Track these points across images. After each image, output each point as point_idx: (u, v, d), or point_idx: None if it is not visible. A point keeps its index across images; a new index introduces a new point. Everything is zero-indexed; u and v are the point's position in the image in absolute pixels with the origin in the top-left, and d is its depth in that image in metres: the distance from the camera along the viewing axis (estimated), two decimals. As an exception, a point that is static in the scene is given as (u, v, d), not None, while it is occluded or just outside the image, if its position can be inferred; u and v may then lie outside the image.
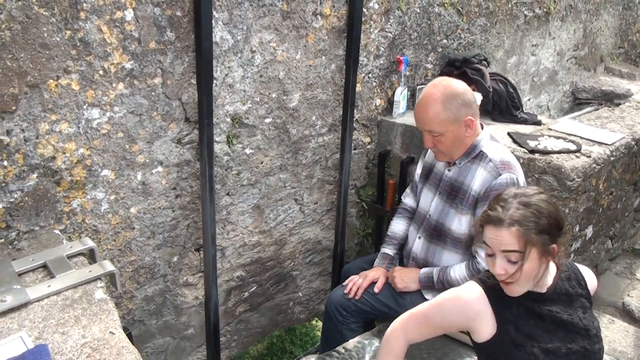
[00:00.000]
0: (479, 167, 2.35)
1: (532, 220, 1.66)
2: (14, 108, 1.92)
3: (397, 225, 2.75)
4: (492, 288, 1.80)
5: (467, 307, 1.80)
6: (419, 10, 3.41)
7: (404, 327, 1.92)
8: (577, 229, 2.86)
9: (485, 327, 1.78)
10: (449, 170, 2.46)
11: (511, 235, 1.66)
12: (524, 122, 3.38)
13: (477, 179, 2.34)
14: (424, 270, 2.51)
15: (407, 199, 2.79)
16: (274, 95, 2.79)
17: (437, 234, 2.50)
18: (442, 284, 2.39)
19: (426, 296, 2.44)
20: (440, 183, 2.51)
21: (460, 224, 2.40)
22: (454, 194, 2.42)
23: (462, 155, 2.40)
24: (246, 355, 4.54)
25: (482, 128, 2.42)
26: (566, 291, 1.85)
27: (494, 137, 2.48)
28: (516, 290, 1.75)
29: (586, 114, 3.82)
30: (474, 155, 2.39)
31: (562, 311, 1.81)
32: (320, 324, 4.44)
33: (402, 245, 2.74)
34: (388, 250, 2.70)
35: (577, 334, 1.81)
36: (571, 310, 1.84)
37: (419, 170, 2.71)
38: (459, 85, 2.34)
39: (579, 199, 2.75)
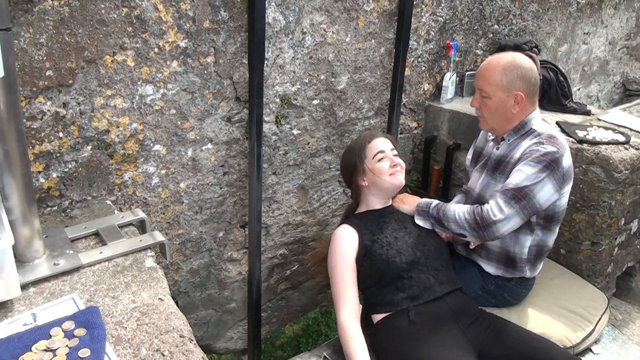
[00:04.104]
0: (527, 141, 2.36)
1: None
2: (71, 82, 1.99)
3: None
4: (347, 217, 2.52)
5: (348, 235, 2.32)
6: (471, -5, 3.37)
7: (348, 311, 2.21)
8: (623, 222, 2.81)
9: (356, 240, 2.31)
10: (497, 148, 2.48)
11: None
12: (573, 111, 3.32)
13: (521, 150, 2.35)
14: (425, 199, 2.53)
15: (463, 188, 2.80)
16: (322, 77, 2.81)
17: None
18: (438, 212, 2.38)
19: (417, 220, 2.45)
20: (488, 162, 2.51)
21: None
22: (498, 167, 2.43)
23: (510, 131, 2.41)
24: (282, 334, 4.59)
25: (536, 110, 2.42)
26: None
27: (546, 120, 2.47)
28: None
29: (636, 106, 3.71)
30: (524, 132, 2.39)
31: (396, 210, 2.49)
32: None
33: None
34: None
35: (407, 225, 2.42)
36: (402, 214, 2.49)
37: (469, 156, 2.73)
38: (525, 61, 2.36)
39: (625, 192, 2.69)
